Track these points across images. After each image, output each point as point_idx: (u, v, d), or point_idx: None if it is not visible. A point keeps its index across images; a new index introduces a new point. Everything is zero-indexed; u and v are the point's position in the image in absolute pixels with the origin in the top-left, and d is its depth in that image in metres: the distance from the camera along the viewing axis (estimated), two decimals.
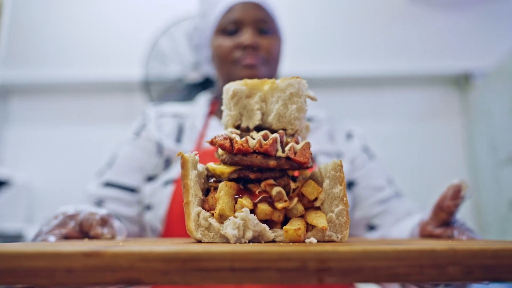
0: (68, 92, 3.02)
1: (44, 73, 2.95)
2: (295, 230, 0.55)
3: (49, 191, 2.82)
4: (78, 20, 3.09)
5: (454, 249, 0.41)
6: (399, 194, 1.22)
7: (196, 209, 0.59)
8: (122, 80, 2.91)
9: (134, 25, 3.03)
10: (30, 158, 2.93)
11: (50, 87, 2.99)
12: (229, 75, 1.29)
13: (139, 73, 2.80)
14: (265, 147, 0.59)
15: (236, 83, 0.68)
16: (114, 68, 2.94)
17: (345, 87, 2.90)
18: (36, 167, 2.89)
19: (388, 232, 1.10)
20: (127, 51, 2.97)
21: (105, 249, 0.40)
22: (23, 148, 2.96)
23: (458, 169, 2.69)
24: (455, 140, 2.75)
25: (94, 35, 3.05)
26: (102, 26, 3.06)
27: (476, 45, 2.81)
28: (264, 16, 1.32)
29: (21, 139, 2.97)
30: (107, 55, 3.01)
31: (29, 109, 3.03)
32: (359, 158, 1.27)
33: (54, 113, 3.01)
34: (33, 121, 3.01)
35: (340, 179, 0.59)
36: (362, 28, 2.94)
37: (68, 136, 2.97)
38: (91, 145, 2.91)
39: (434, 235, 0.79)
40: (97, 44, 3.04)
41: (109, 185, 1.19)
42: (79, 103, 3.01)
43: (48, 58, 3.05)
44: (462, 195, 0.73)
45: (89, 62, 3.00)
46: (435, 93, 2.83)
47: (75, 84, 2.96)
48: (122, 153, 1.25)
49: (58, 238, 0.73)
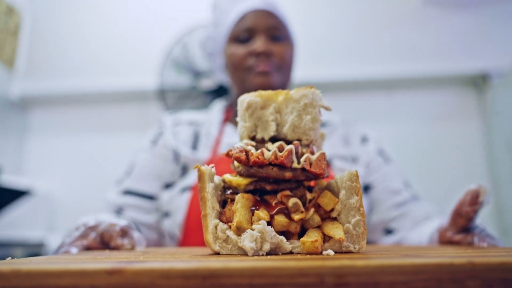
0: (86, 103, 3.08)
1: (62, 84, 3.02)
2: (312, 242, 0.55)
3: (69, 199, 2.87)
4: (94, 33, 3.15)
5: (473, 263, 0.41)
6: (417, 197, 1.21)
7: (214, 221, 0.59)
8: (137, 89, 2.96)
9: (148, 36, 3.07)
10: (50, 168, 2.99)
11: (69, 98, 3.06)
12: (243, 82, 1.30)
13: (154, 82, 2.84)
14: (280, 159, 0.60)
15: (251, 94, 0.68)
16: (130, 77, 2.99)
17: (359, 91, 2.88)
18: (56, 176, 2.95)
19: (406, 236, 1.10)
20: (142, 61, 3.02)
21: (126, 266, 0.41)
22: (43, 158, 3.02)
23: (477, 171, 2.64)
24: (473, 141, 2.70)
25: (109, 46, 3.11)
26: (117, 37, 3.12)
27: (493, 44, 2.76)
28: (276, 23, 1.33)
29: (42, 149, 3.04)
30: (123, 65, 3.06)
31: (49, 120, 3.10)
32: (374, 161, 1.27)
33: (72, 123, 3.08)
34: (53, 131, 3.08)
35: (356, 189, 0.59)
36: (375, 30, 2.92)
37: (86, 145, 3.03)
38: (109, 153, 2.96)
39: (453, 241, 0.78)
40: (113, 55, 3.09)
41: (128, 193, 1.21)
42: (96, 113, 3.07)
43: (66, 70, 3.12)
44: (480, 201, 0.72)
45: (106, 73, 3.06)
46: (452, 94, 2.79)
47: (92, 95, 3.02)
48: (140, 161, 1.28)
49: (80, 250, 0.74)
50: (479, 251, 0.59)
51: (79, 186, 2.89)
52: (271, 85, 1.26)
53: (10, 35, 3.07)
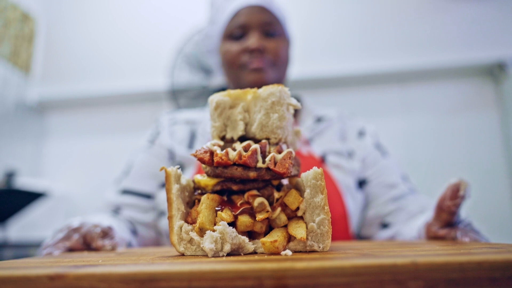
0: (101, 105, 3.15)
1: (77, 88, 3.10)
2: (271, 242, 0.54)
3: (86, 200, 2.94)
4: (106, 37, 3.22)
5: (416, 263, 0.39)
6: (414, 190, 1.18)
7: (179, 222, 0.60)
8: (150, 90, 3.00)
9: (159, 37, 3.11)
10: (67, 169, 3.07)
11: (83, 101, 3.13)
12: (237, 80, 1.30)
13: (166, 82, 2.87)
14: (243, 159, 0.59)
15: (220, 94, 0.68)
16: (143, 79, 3.04)
17: (372, 85, 2.83)
18: (73, 178, 3.02)
19: (400, 230, 1.07)
20: (154, 62, 3.06)
21: (68, 272, 0.41)
22: (60, 160, 3.11)
23: (495, 162, 2.56)
24: (491, 132, 2.61)
25: (122, 49, 3.17)
26: (128, 40, 3.18)
27: (510, 33, 2.66)
28: (270, 19, 1.32)
29: (58, 152, 3.13)
30: (135, 67, 3.11)
31: (65, 123, 3.18)
32: (371, 155, 1.25)
33: (88, 125, 3.15)
34: (69, 134, 3.16)
35: (321, 187, 0.58)
36: (387, 22, 2.86)
37: (101, 147, 3.09)
38: (123, 154, 3.01)
39: (438, 236, 0.76)
40: (125, 57, 3.15)
41: (126, 192, 1.22)
42: (111, 115, 3.14)
43: (80, 74, 3.19)
44: (461, 195, 0.70)
45: (119, 75, 3.12)
46: (468, 85, 2.71)
47: (106, 97, 3.08)
48: (137, 161, 1.29)
49: (62, 251, 0.76)
50: (453, 247, 0.57)
51: (95, 186, 2.95)
52: (265, 82, 1.25)
53: (25, 41, 3.16)
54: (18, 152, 2.91)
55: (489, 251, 0.48)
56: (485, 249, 0.53)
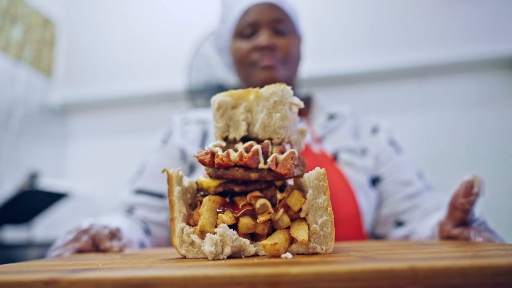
0: (121, 106, 3.20)
1: (98, 90, 3.16)
2: (271, 245, 0.53)
3: (108, 199, 2.99)
4: (125, 40, 3.28)
5: (415, 268, 0.38)
6: (430, 187, 1.15)
7: (180, 225, 0.59)
8: (168, 90, 3.03)
9: (176, 38, 3.14)
10: (89, 170, 3.14)
11: (105, 102, 3.19)
12: (248, 78, 1.29)
13: (183, 82, 2.89)
14: (244, 161, 0.58)
15: (222, 94, 0.67)
16: (161, 80, 3.07)
17: (392, 80, 2.77)
18: (95, 178, 3.08)
19: (415, 229, 1.04)
20: (172, 63, 3.08)
21: (62, 277, 0.42)
22: (82, 161, 3.18)
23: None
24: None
25: (141, 51, 3.23)
26: (147, 42, 3.23)
27: None
28: (280, 16, 1.30)
29: (81, 153, 3.20)
30: (153, 68, 3.16)
31: (86, 124, 3.25)
32: (385, 152, 1.22)
33: (109, 126, 3.21)
34: (91, 135, 3.23)
35: (323, 188, 0.57)
36: (407, 16, 2.79)
37: (122, 147, 3.14)
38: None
39: (451, 235, 0.74)
40: (144, 59, 3.20)
41: (140, 192, 1.23)
42: (131, 116, 3.19)
43: (101, 76, 3.26)
44: (475, 192, 0.67)
45: (138, 76, 3.16)
46: (491, 78, 2.61)
47: (126, 98, 3.13)
48: (151, 161, 1.30)
49: (72, 253, 0.77)
50: (462, 249, 0.54)
51: (116, 186, 2.99)
52: (276, 79, 1.23)
53: (47, 45, 3.23)
54: (41, 153, 2.99)
55: (497, 254, 0.46)
56: (495, 251, 0.50)
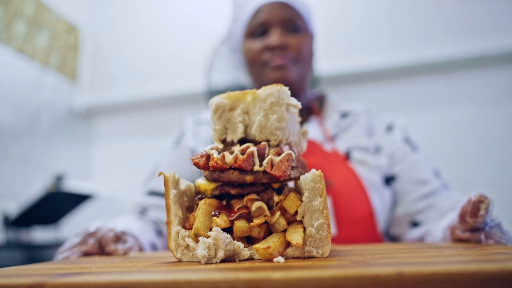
0: (144, 109, 3.27)
1: (122, 93, 3.23)
2: (264, 248, 0.52)
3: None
4: (147, 43, 3.35)
5: (401, 274, 0.36)
6: (447, 186, 1.11)
7: (176, 228, 0.59)
8: (189, 92, 3.07)
9: (195, 40, 3.18)
10: (114, 172, 3.20)
11: (128, 105, 3.26)
12: (259, 78, 1.28)
13: (203, 84, 2.91)
14: (239, 163, 0.58)
15: (219, 96, 0.67)
16: (183, 81, 3.11)
17: (415, 76, 2.70)
18: (119, 180, 3.14)
19: (431, 229, 1.01)
20: (192, 64, 3.11)
21: (47, 281, 0.42)
22: (107, 163, 3.25)
23: None
24: None
25: (162, 54, 3.29)
26: (167, 45, 3.28)
27: None
28: (292, 15, 1.28)
29: (105, 155, 3.28)
30: (174, 71, 3.21)
31: (111, 127, 3.33)
32: (400, 150, 1.18)
33: (132, 128, 3.27)
34: (115, 137, 3.30)
35: (319, 190, 0.55)
36: (429, 10, 2.71)
37: (145, 149, 3.19)
38: None
39: (462, 239, 0.71)
40: (165, 62, 3.26)
41: (152, 194, 1.25)
42: (153, 118, 3.24)
43: (124, 80, 3.33)
44: (481, 214, 0.65)
45: (161, 79, 3.22)
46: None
47: (149, 101, 3.19)
48: (164, 162, 1.31)
49: (78, 255, 0.78)
50: (467, 252, 0.52)
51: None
52: (288, 79, 1.22)
53: (72, 51, 3.33)
54: (67, 156, 3.07)
55: (498, 258, 0.43)
56: (503, 255, 0.48)
